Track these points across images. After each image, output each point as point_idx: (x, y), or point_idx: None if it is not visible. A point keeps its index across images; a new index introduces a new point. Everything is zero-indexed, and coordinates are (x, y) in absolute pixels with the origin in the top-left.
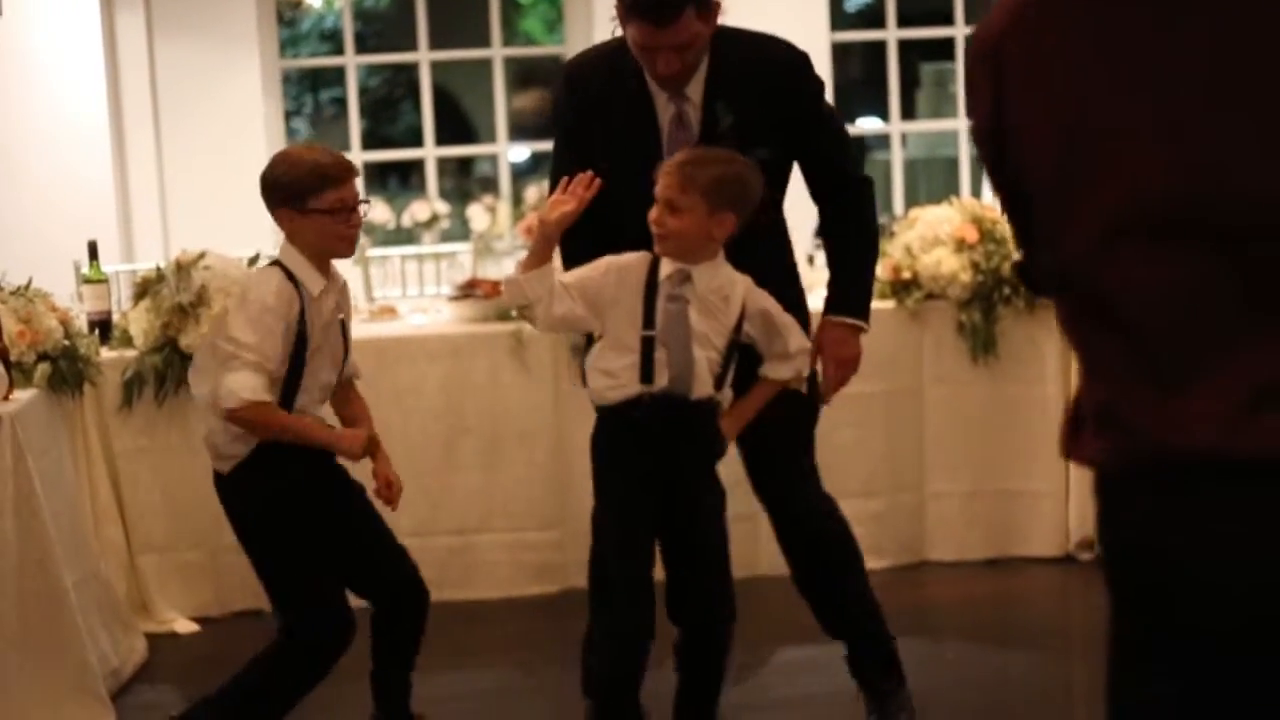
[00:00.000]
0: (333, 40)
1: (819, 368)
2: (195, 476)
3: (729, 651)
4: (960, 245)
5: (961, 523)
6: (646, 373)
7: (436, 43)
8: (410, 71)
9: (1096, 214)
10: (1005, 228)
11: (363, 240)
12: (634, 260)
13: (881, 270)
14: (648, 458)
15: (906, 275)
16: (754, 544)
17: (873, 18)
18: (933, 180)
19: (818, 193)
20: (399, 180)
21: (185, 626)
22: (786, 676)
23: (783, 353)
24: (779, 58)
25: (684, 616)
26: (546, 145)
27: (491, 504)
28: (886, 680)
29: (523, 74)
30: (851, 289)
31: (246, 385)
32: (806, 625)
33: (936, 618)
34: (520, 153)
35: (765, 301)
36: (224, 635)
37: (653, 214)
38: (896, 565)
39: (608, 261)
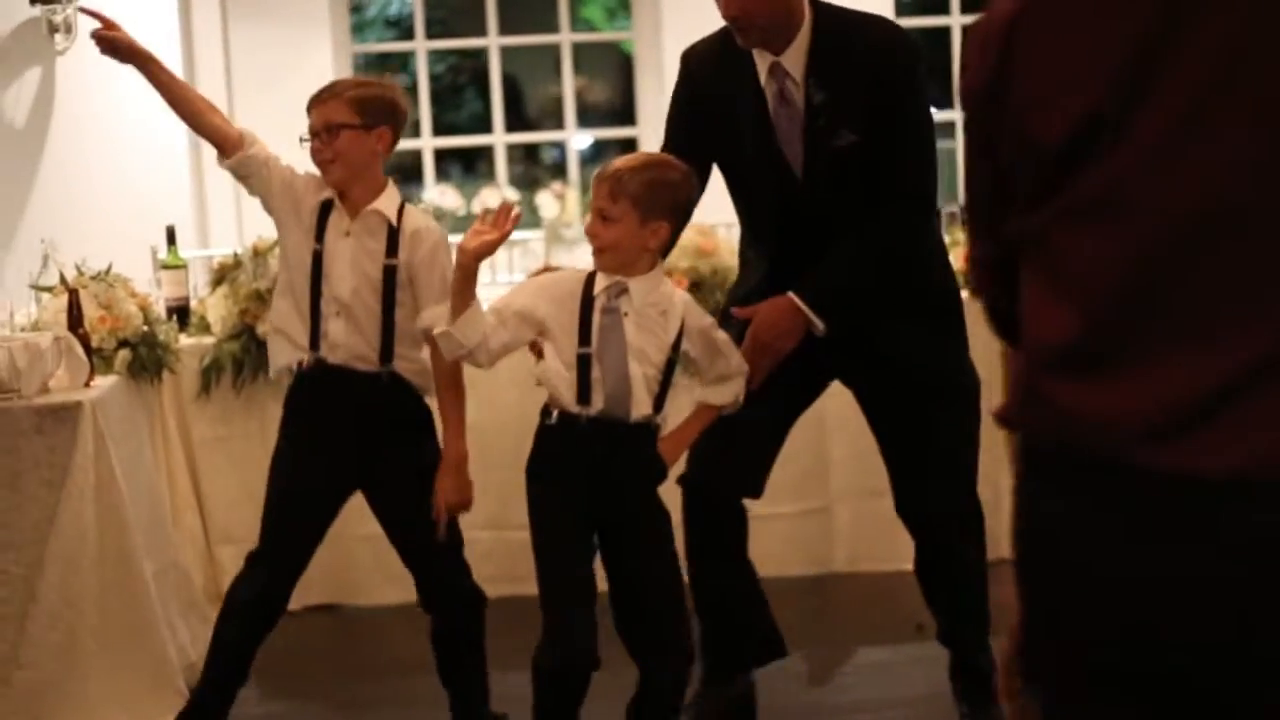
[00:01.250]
0: (396, 27)
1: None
2: None
3: (681, 689)
4: None
5: None
6: (583, 393)
7: (502, 29)
8: (472, 58)
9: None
10: None
11: None
12: (566, 277)
13: (955, 260)
14: (583, 484)
15: None
16: (827, 539)
17: (936, 3)
18: None
19: (870, 194)
20: (462, 168)
21: None
22: (865, 678)
23: (723, 374)
24: (874, 38)
25: (633, 649)
26: (608, 132)
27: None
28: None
29: (581, 61)
30: (826, 280)
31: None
32: (882, 625)
33: None
34: (584, 140)
35: (704, 320)
36: (299, 629)
37: (586, 225)
38: None
39: (536, 282)
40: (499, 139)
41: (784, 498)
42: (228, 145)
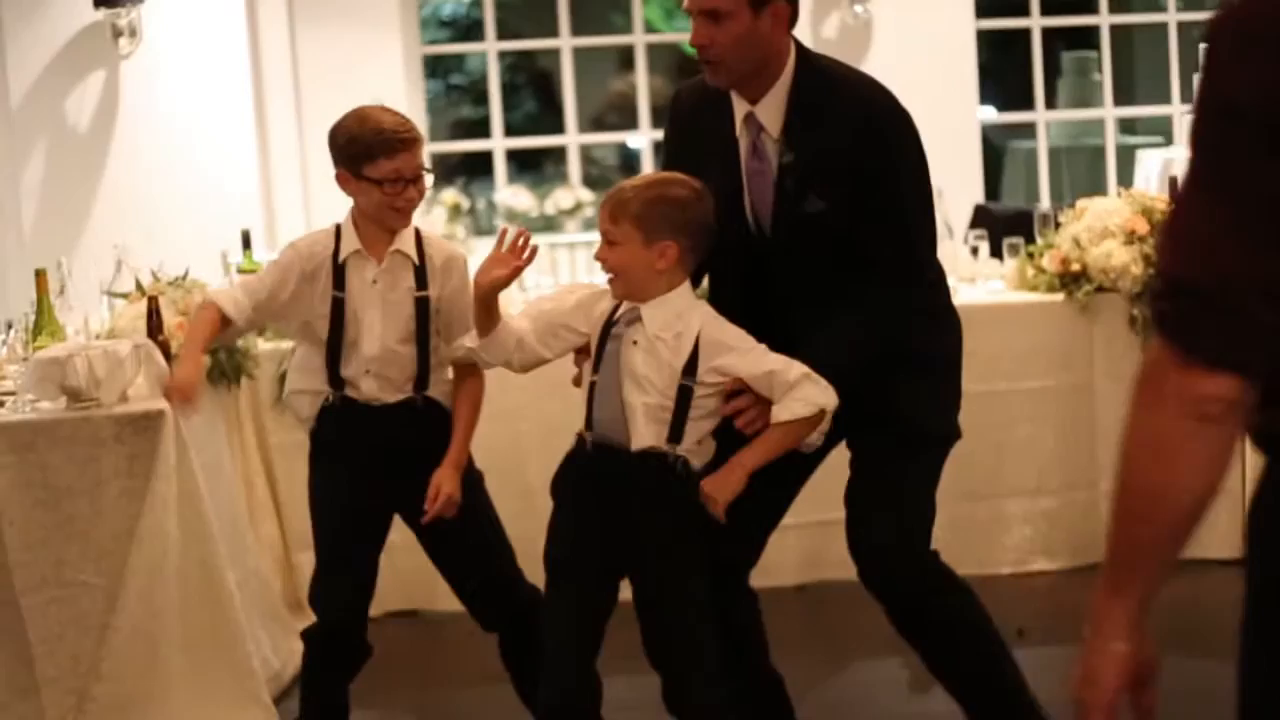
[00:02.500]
0: (451, 27)
1: None
2: None
3: None
4: (1130, 237)
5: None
6: (589, 417)
7: (554, 29)
8: (528, 58)
9: None
10: None
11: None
12: (602, 295)
13: (1049, 262)
14: (595, 516)
15: (1076, 267)
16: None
17: (1016, 5)
18: (1075, 170)
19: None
20: (516, 167)
21: None
22: (867, 691)
23: (782, 384)
24: (854, 100)
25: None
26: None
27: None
28: None
29: (625, 61)
30: (818, 359)
31: (222, 290)
32: (886, 636)
33: None
34: (639, 140)
35: (725, 331)
36: (380, 635)
37: (597, 251)
38: (1069, 566)
39: (577, 295)
40: (572, 139)
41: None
42: (228, 331)
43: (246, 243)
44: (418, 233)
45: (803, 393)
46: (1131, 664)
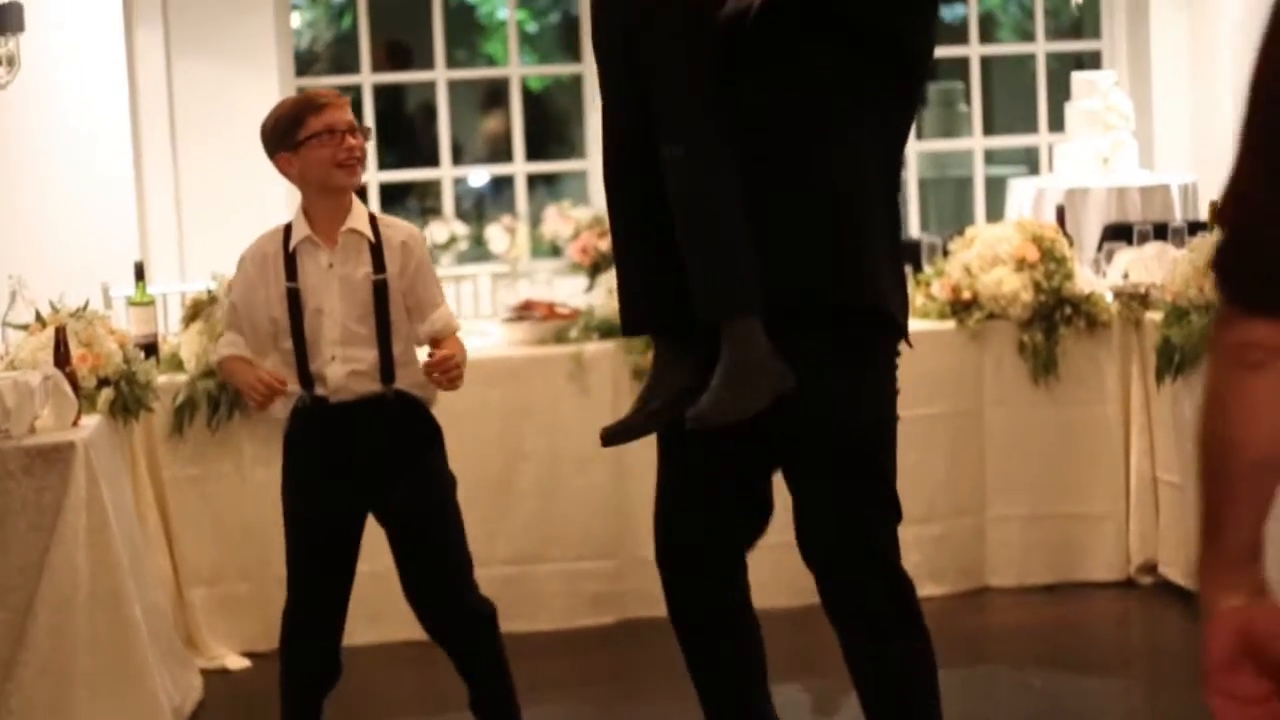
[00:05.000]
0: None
1: None
2: (245, 506)
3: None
4: (1020, 264)
5: (1022, 547)
6: None
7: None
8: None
9: None
10: (1064, 246)
11: None
12: None
13: (939, 290)
14: None
15: (966, 295)
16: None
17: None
18: (942, 200)
19: None
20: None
21: (236, 663)
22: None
23: None
24: None
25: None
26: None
27: (548, 532)
28: None
29: (490, 96)
30: None
31: (223, 342)
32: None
33: (996, 644)
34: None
35: None
36: (274, 671)
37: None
38: (956, 591)
39: None
40: (446, 173)
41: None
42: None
43: (140, 274)
44: (372, 216)
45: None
46: (1243, 620)
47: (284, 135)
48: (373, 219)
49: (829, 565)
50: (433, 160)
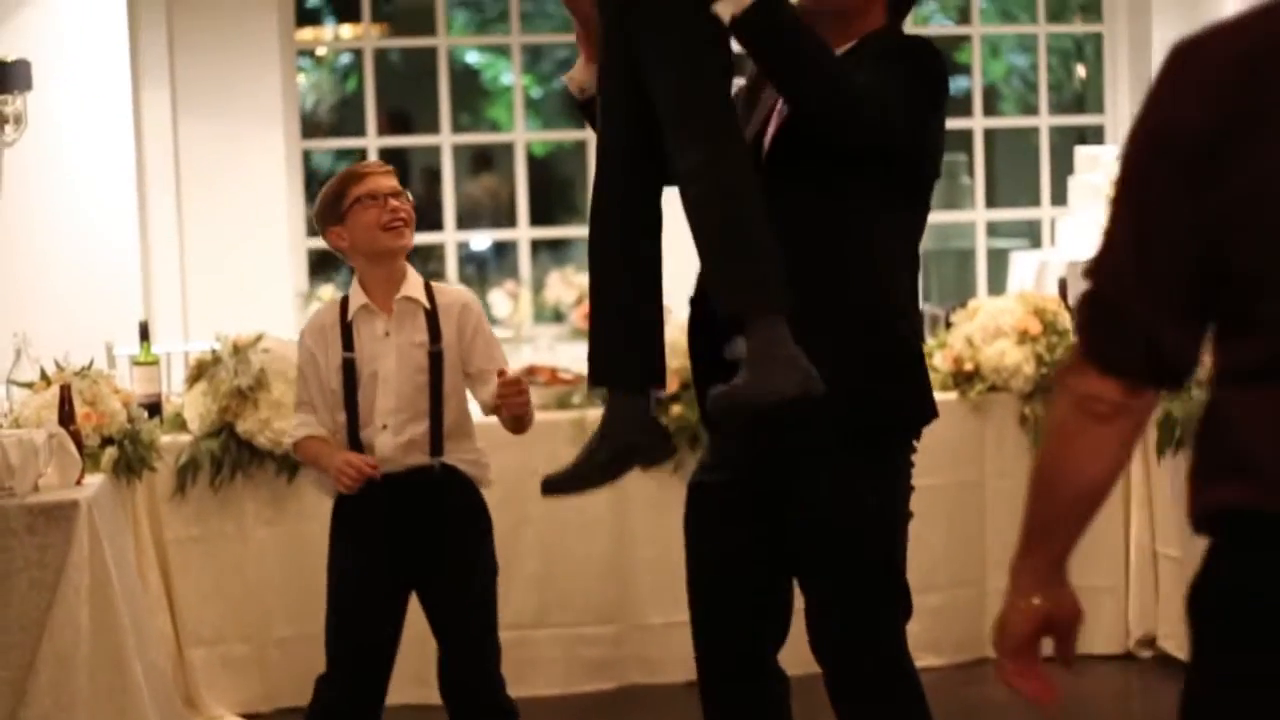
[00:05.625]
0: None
1: None
2: (247, 566)
3: None
4: (1023, 337)
5: None
6: None
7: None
8: (403, 158)
9: None
10: (1066, 319)
11: None
12: None
13: (942, 361)
14: None
15: (969, 367)
16: None
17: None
18: (943, 272)
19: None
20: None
21: None
22: None
23: None
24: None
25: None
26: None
27: (549, 598)
28: None
29: (479, 159)
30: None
31: (295, 424)
32: None
33: (995, 716)
34: (483, 241)
35: None
36: None
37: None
38: (955, 662)
39: None
40: (450, 237)
41: None
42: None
43: (144, 334)
44: (428, 283)
45: None
46: (1041, 615)
47: (330, 209)
48: (428, 286)
49: (838, 662)
50: (436, 224)
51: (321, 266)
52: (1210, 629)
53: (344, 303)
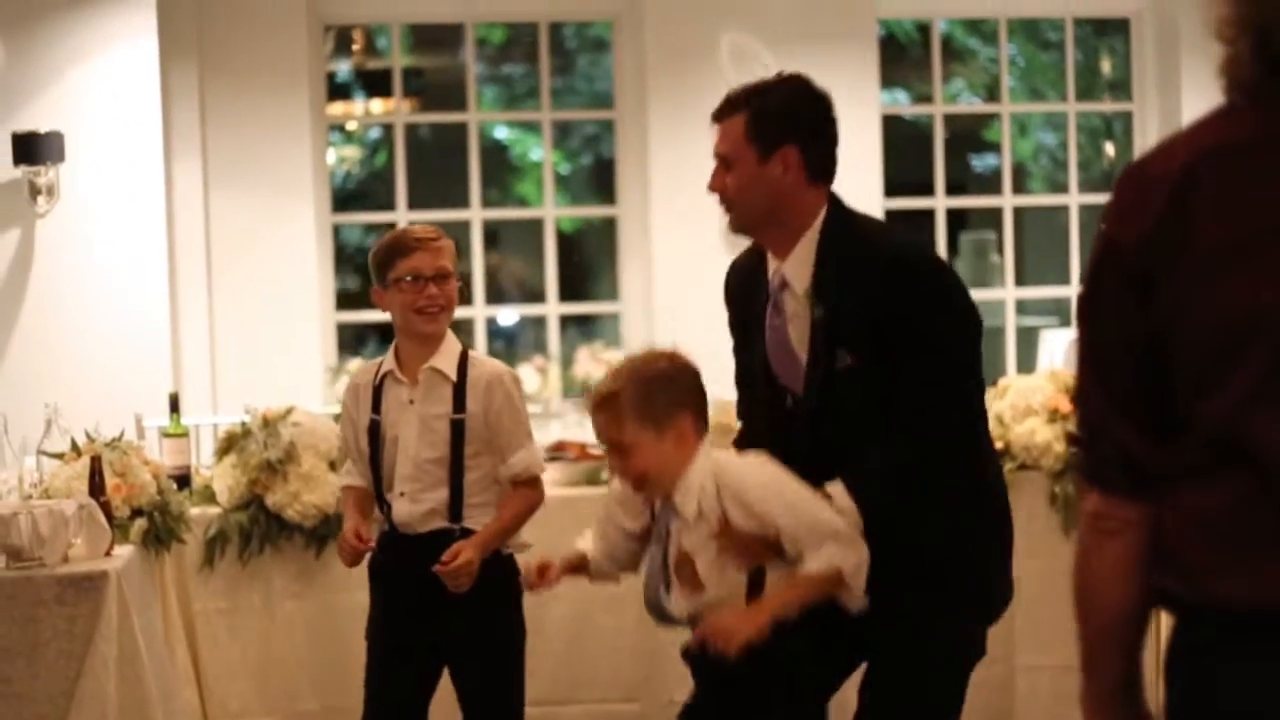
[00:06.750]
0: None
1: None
2: (275, 640)
3: None
4: (1053, 415)
5: (1051, 697)
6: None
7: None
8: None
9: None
10: None
11: None
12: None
13: None
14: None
15: (999, 445)
16: None
17: (917, 186)
18: None
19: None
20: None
21: None
22: None
23: (808, 541)
24: (882, 252)
25: None
26: (538, 309)
27: (577, 674)
28: None
29: (506, 237)
30: (860, 471)
31: (344, 470)
32: None
33: None
34: (511, 316)
35: (745, 479)
36: None
37: (610, 465)
38: None
39: (613, 496)
40: (479, 312)
41: None
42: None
43: (174, 405)
44: (465, 353)
45: (826, 552)
46: None
47: (377, 271)
48: (465, 356)
49: None
50: (464, 299)
51: (351, 340)
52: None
53: (380, 364)
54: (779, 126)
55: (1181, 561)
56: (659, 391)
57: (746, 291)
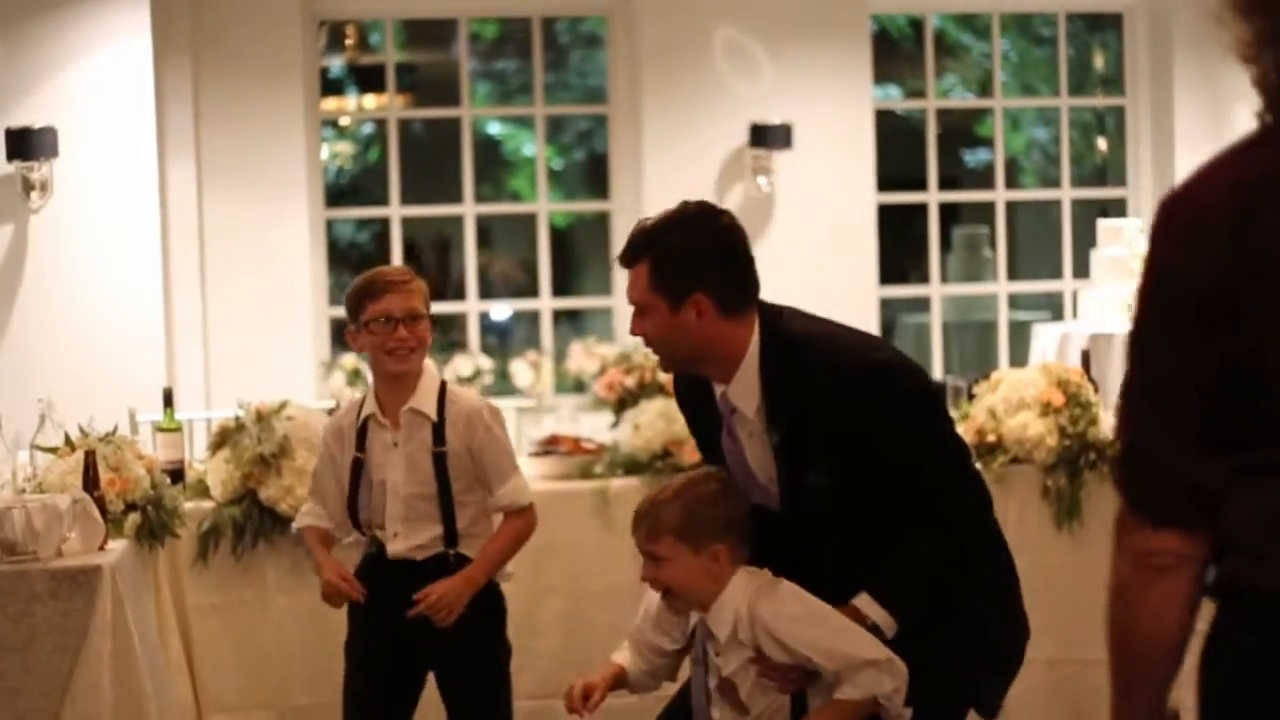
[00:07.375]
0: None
1: None
2: (268, 634)
3: None
4: (1046, 409)
5: (1044, 692)
6: None
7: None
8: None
9: None
10: (1090, 391)
11: None
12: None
13: (964, 432)
14: None
15: (991, 438)
16: None
17: (909, 180)
18: (964, 344)
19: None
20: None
21: None
22: None
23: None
24: (835, 360)
25: None
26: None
27: (571, 667)
28: None
29: (499, 233)
30: (892, 576)
31: (303, 510)
32: None
33: None
34: (504, 311)
35: (778, 604)
36: None
37: (643, 571)
38: None
39: (647, 610)
40: (473, 306)
41: None
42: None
43: (168, 400)
44: (444, 387)
45: (865, 677)
46: None
47: (350, 312)
48: (443, 393)
49: None
50: (459, 294)
51: (343, 335)
52: (1208, 681)
53: (361, 404)
54: (683, 275)
55: (1251, 548)
56: (704, 512)
57: (698, 401)
